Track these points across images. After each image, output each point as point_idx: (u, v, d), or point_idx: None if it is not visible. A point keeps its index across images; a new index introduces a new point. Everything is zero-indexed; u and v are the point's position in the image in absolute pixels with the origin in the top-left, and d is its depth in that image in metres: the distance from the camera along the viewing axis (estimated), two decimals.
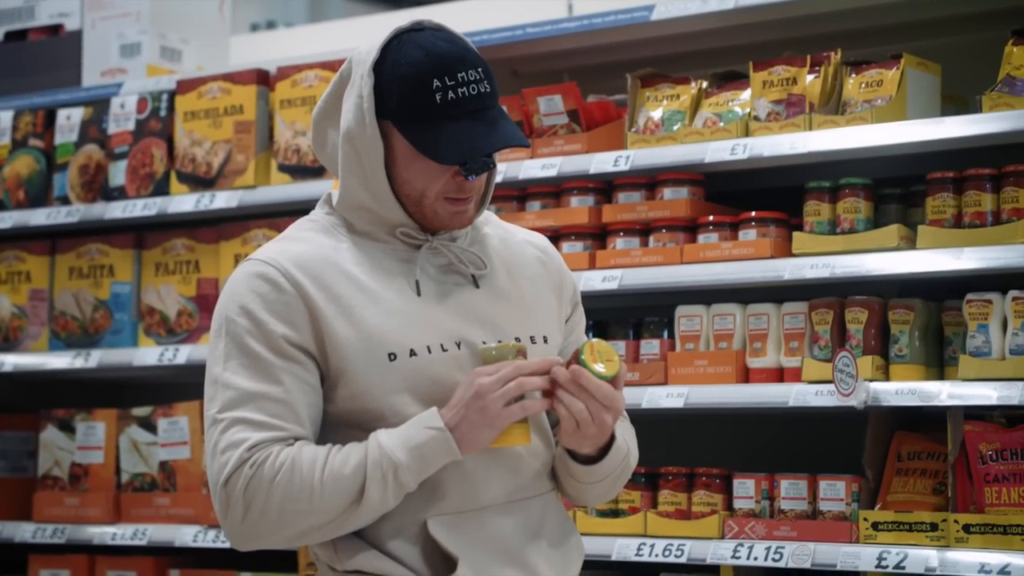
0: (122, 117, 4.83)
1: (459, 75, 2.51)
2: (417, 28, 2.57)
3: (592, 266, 4.06)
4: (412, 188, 2.56)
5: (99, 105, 4.90)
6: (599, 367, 2.48)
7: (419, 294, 2.57)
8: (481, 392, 2.45)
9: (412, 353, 2.52)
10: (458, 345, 2.55)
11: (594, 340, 2.52)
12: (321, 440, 2.55)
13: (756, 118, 3.95)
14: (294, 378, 2.49)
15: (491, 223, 2.73)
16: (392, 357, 2.51)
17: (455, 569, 2.49)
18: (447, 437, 2.45)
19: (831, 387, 3.67)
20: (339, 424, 2.54)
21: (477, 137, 2.51)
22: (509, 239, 2.73)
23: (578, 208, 4.16)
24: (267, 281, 2.52)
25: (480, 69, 2.54)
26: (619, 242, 4.08)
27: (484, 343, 2.54)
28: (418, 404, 2.51)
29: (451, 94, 2.51)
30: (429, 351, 2.53)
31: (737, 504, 3.87)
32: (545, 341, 2.65)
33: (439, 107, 2.51)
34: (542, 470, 2.62)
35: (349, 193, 2.60)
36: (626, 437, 2.67)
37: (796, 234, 3.85)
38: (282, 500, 2.44)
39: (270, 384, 2.48)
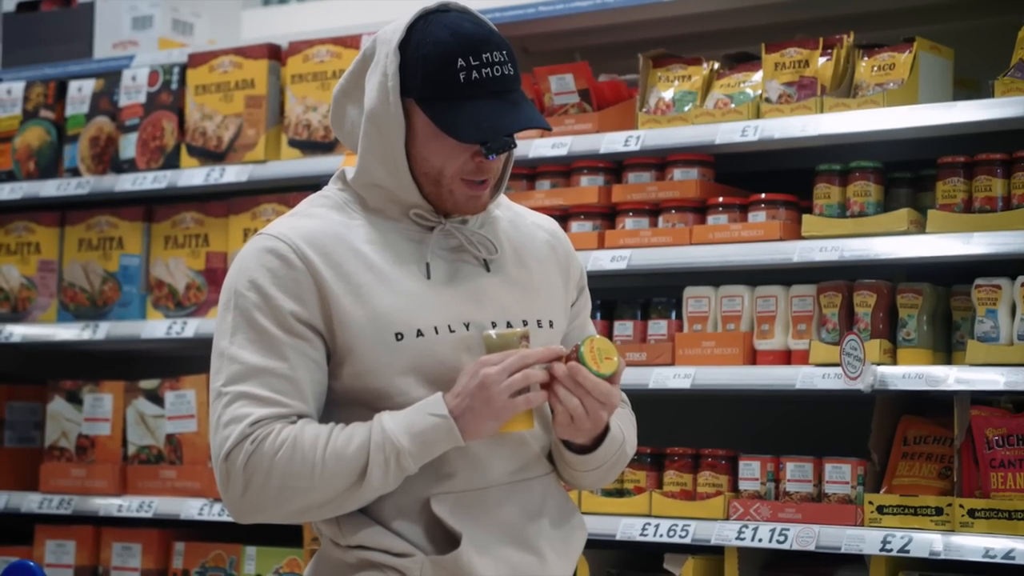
0: (133, 90, 4.83)
1: (483, 56, 2.51)
2: (443, 9, 2.57)
3: (601, 246, 4.06)
4: (431, 167, 2.56)
5: (110, 77, 4.91)
6: (598, 366, 2.49)
7: (429, 276, 2.57)
8: (487, 383, 2.45)
9: (419, 333, 2.52)
10: (466, 327, 2.55)
11: (595, 337, 2.52)
12: (326, 417, 2.55)
13: (767, 100, 3.94)
14: (300, 355, 2.49)
15: (501, 205, 2.73)
16: (399, 337, 2.52)
17: (458, 546, 2.50)
18: (451, 425, 2.45)
19: (838, 370, 3.67)
20: (345, 402, 2.54)
21: (498, 117, 2.51)
22: (519, 221, 2.73)
23: (588, 188, 4.16)
24: (277, 256, 2.52)
25: (504, 52, 2.54)
26: (628, 222, 4.08)
27: (489, 330, 2.54)
28: (424, 385, 2.52)
29: (475, 74, 2.51)
30: (436, 332, 2.53)
31: (742, 486, 3.88)
32: (551, 326, 2.65)
33: (462, 86, 2.51)
34: (542, 452, 2.63)
35: (366, 170, 2.60)
36: (622, 426, 2.67)
37: (805, 217, 3.84)
38: (283, 477, 2.45)
39: (276, 360, 2.49)
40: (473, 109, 2.51)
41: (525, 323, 2.61)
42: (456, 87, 2.51)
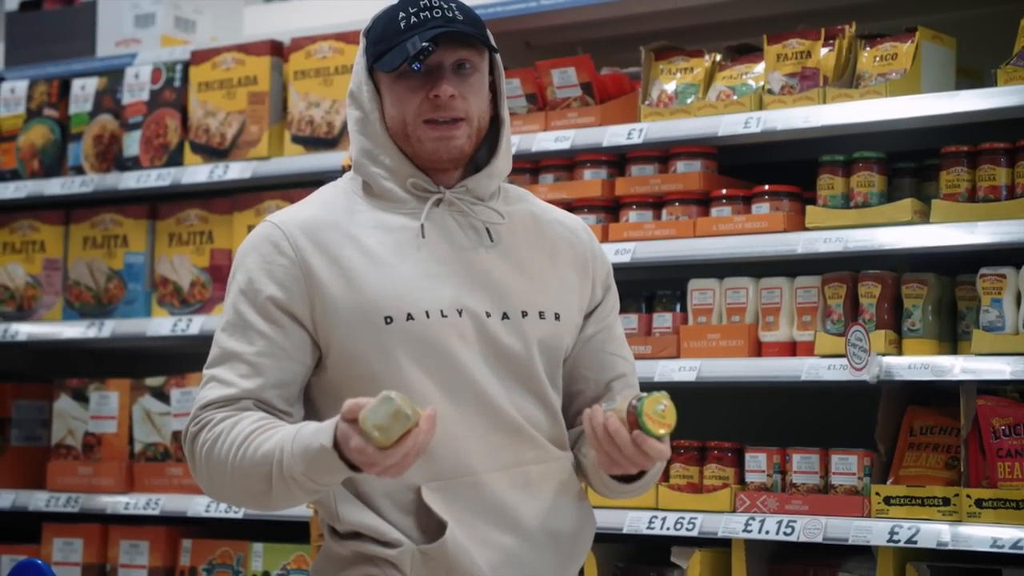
0: (136, 87, 4.83)
1: (422, 2, 2.58)
2: None
3: (605, 239, 4.06)
4: (397, 123, 2.61)
5: (113, 75, 4.91)
6: (660, 430, 2.44)
7: (423, 236, 2.58)
8: (367, 464, 2.33)
9: (409, 317, 2.53)
10: (459, 312, 2.56)
11: (651, 396, 2.45)
12: (317, 414, 2.58)
13: (770, 91, 3.94)
14: (268, 341, 2.54)
15: (527, 200, 2.75)
16: (388, 320, 2.53)
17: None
18: (333, 457, 2.35)
19: (844, 361, 3.67)
20: (337, 396, 2.52)
21: (423, 38, 2.54)
22: (541, 216, 2.73)
23: (591, 181, 4.16)
24: (270, 243, 2.58)
25: (451, 4, 2.59)
26: (632, 215, 4.08)
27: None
28: (417, 368, 2.53)
29: (413, 18, 2.58)
30: (427, 316, 2.54)
31: (749, 478, 3.87)
32: (556, 318, 2.65)
33: (402, 32, 2.57)
34: (544, 440, 2.62)
35: (362, 150, 2.65)
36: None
37: (809, 208, 3.84)
38: (207, 466, 2.51)
39: (245, 344, 2.54)
40: (410, 44, 2.55)
41: (524, 313, 2.61)
42: (398, 33, 2.57)
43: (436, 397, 2.54)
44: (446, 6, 2.58)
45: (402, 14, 2.59)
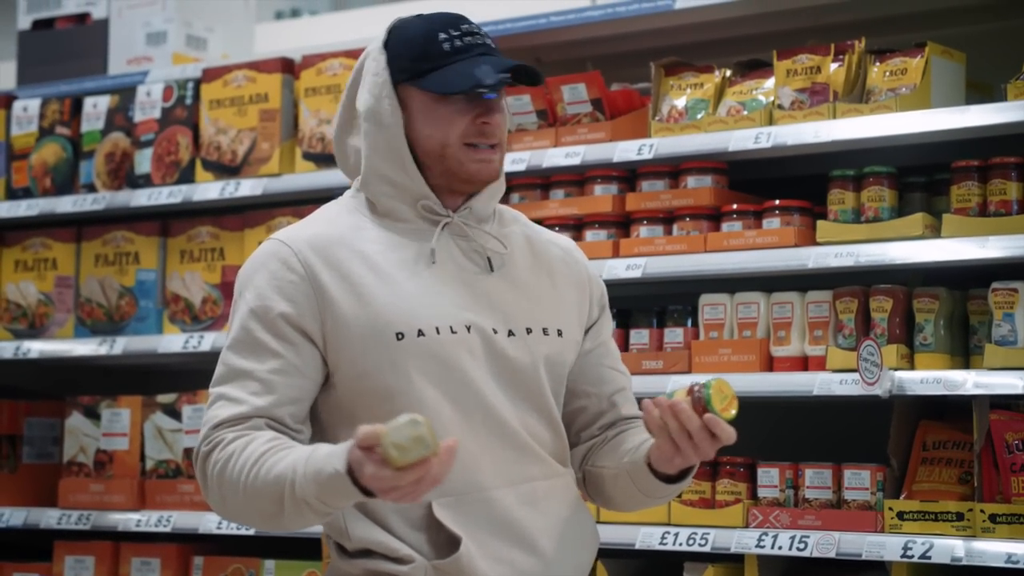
0: (148, 105, 4.84)
1: (462, 27, 2.62)
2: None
3: (616, 254, 4.06)
4: (433, 142, 2.60)
5: (125, 93, 4.92)
6: (731, 410, 2.46)
7: (434, 261, 2.59)
8: (381, 490, 2.32)
9: (420, 333, 2.54)
10: (468, 328, 2.56)
11: (717, 380, 2.46)
12: (327, 434, 2.57)
13: (780, 106, 3.94)
14: (280, 359, 2.53)
15: (519, 221, 2.77)
16: (400, 336, 2.53)
17: (459, 550, 2.50)
18: (347, 482, 2.33)
19: (856, 376, 3.67)
20: (346, 414, 2.54)
21: (487, 67, 2.58)
22: (535, 237, 2.76)
23: (602, 196, 4.16)
24: (279, 260, 2.57)
25: (482, 31, 2.65)
26: (643, 230, 4.08)
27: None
28: (429, 384, 2.53)
29: (457, 42, 2.60)
30: (438, 332, 2.54)
31: (761, 493, 3.87)
32: (559, 334, 2.67)
33: (448, 54, 2.59)
34: (549, 456, 2.63)
35: (372, 168, 2.64)
36: None
37: (820, 222, 3.84)
38: (219, 487, 2.49)
39: (255, 362, 2.53)
40: (462, 67, 2.58)
41: (529, 330, 2.62)
42: (443, 55, 2.59)
43: (447, 413, 2.54)
44: (478, 31, 2.63)
45: (443, 35, 2.59)
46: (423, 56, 2.59)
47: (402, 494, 2.31)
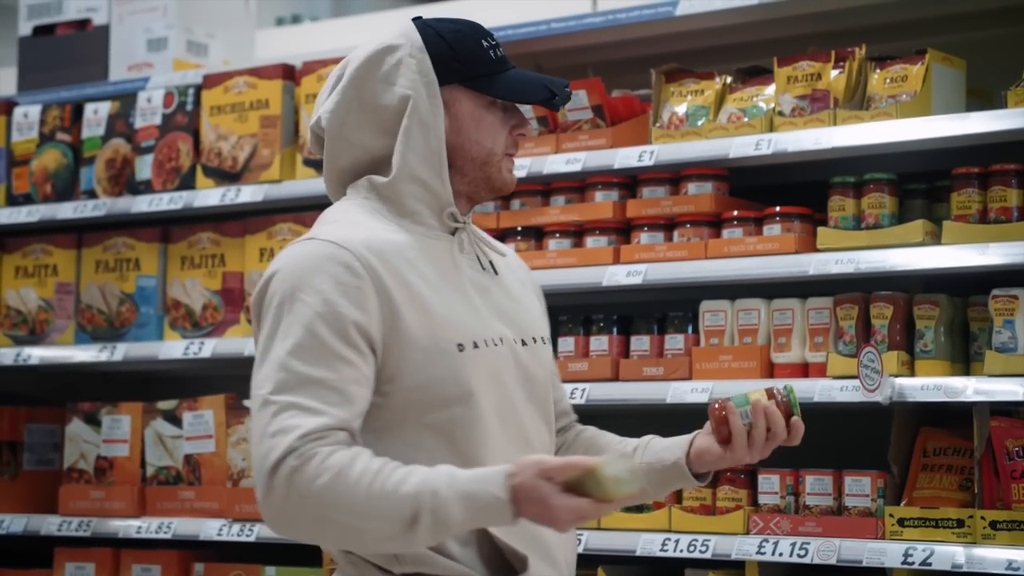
0: (148, 111, 4.84)
1: (492, 38, 2.64)
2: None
3: (616, 261, 4.06)
4: (480, 150, 2.59)
5: (126, 99, 4.92)
6: (799, 411, 2.65)
7: (464, 279, 2.59)
8: (555, 518, 2.35)
9: (475, 345, 2.52)
10: (501, 340, 2.57)
11: (790, 385, 2.65)
12: (373, 442, 2.48)
13: (780, 113, 3.94)
14: (353, 368, 2.42)
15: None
16: (460, 348, 2.50)
17: (515, 570, 2.49)
18: (507, 508, 2.35)
19: (856, 382, 3.67)
20: (395, 423, 2.49)
21: (531, 77, 2.61)
22: (495, 245, 2.77)
23: (602, 203, 4.16)
24: (342, 264, 2.45)
25: None
26: (643, 237, 4.08)
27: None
28: (483, 397, 2.50)
29: (499, 51, 2.62)
30: (486, 344, 2.54)
31: (762, 499, 3.87)
32: (544, 342, 2.69)
33: (495, 62, 2.60)
34: None
35: (407, 168, 2.57)
36: None
37: (820, 229, 3.84)
38: (320, 506, 2.35)
39: (328, 370, 2.41)
40: (517, 76, 2.60)
41: (535, 339, 2.64)
42: (491, 63, 2.59)
43: (495, 426, 2.52)
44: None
45: (485, 43, 2.60)
46: (476, 60, 2.57)
47: (577, 523, 2.35)
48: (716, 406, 2.63)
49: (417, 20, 2.63)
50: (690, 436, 2.70)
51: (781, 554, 3.70)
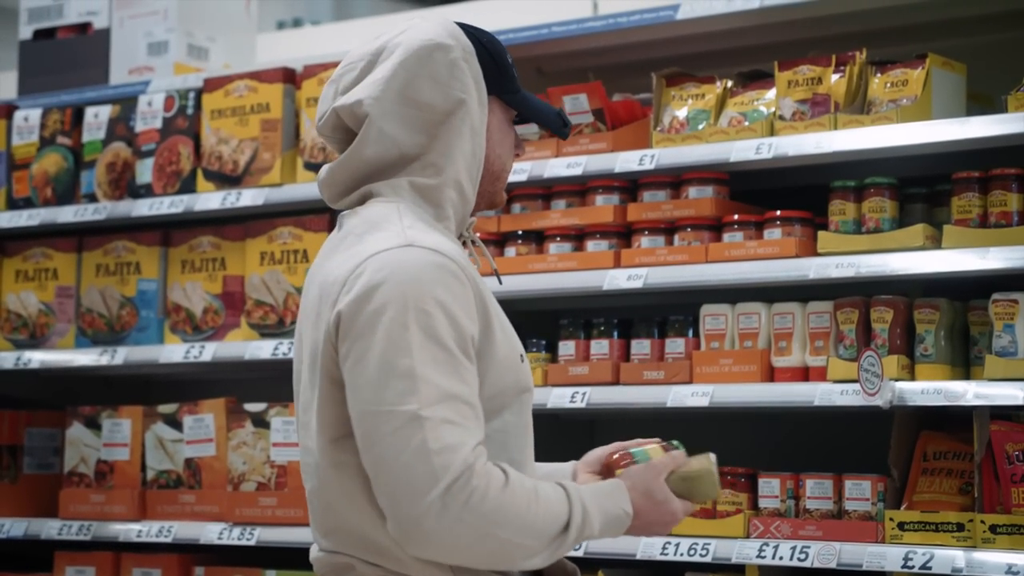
0: (149, 115, 4.85)
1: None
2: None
3: (617, 264, 4.06)
4: (499, 164, 2.60)
5: (126, 103, 4.93)
6: None
7: (500, 283, 2.67)
8: (673, 521, 2.52)
9: (522, 358, 2.54)
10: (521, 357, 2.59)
11: (675, 440, 2.69)
12: None
13: (781, 117, 3.94)
14: (475, 381, 2.40)
15: None
16: (522, 358, 2.52)
17: None
18: (628, 522, 2.48)
19: (856, 386, 3.67)
20: None
21: (545, 103, 2.65)
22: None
23: (603, 207, 4.17)
24: (450, 273, 2.40)
25: None
26: (644, 241, 4.09)
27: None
28: (526, 408, 2.53)
29: (515, 69, 2.63)
30: (524, 358, 2.57)
31: (762, 503, 3.87)
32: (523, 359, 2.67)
33: (517, 79, 2.62)
34: None
35: (454, 171, 2.53)
36: None
37: (821, 233, 3.84)
38: (488, 523, 2.33)
39: (462, 384, 2.36)
40: (531, 97, 2.62)
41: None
42: (516, 80, 2.61)
43: (531, 434, 2.55)
44: None
45: (509, 59, 2.62)
46: (508, 75, 2.58)
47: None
48: (616, 456, 2.62)
49: (459, 23, 2.60)
50: (570, 468, 2.70)
51: (781, 558, 3.70)
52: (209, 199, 4.66)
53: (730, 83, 4.13)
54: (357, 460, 2.41)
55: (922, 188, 3.90)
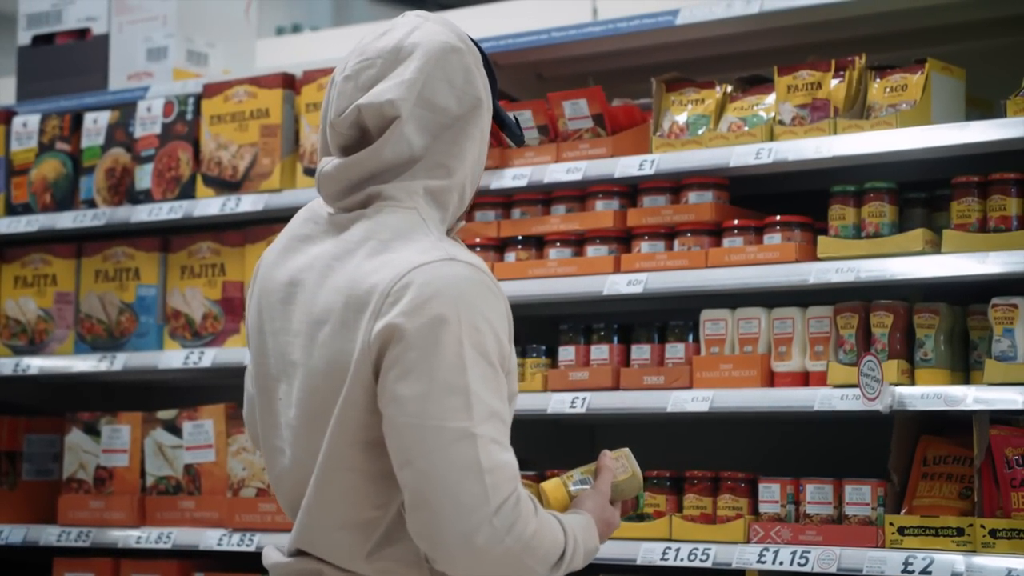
0: (148, 120, 4.85)
1: None
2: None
3: (617, 270, 4.07)
4: (480, 174, 2.58)
5: (126, 108, 4.93)
6: None
7: None
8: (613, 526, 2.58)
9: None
10: None
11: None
12: None
13: (781, 122, 3.95)
14: (506, 396, 2.43)
15: None
16: (509, 373, 2.51)
17: None
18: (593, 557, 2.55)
19: (856, 391, 3.67)
20: None
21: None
22: None
23: (603, 212, 4.17)
24: (492, 292, 2.42)
25: None
26: (644, 246, 4.09)
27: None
28: (512, 411, 2.52)
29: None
30: None
31: (762, 508, 3.87)
32: None
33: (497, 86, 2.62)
34: None
35: (462, 178, 2.52)
36: None
37: (821, 238, 3.84)
38: (524, 547, 2.34)
39: (502, 402, 2.38)
40: (499, 106, 2.61)
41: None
42: (497, 86, 2.61)
43: None
44: None
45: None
46: (495, 84, 2.58)
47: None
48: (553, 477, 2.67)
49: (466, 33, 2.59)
50: None
51: (781, 563, 3.70)
52: (208, 205, 4.66)
53: (730, 88, 4.13)
54: (371, 466, 2.41)
55: (922, 193, 3.90)
